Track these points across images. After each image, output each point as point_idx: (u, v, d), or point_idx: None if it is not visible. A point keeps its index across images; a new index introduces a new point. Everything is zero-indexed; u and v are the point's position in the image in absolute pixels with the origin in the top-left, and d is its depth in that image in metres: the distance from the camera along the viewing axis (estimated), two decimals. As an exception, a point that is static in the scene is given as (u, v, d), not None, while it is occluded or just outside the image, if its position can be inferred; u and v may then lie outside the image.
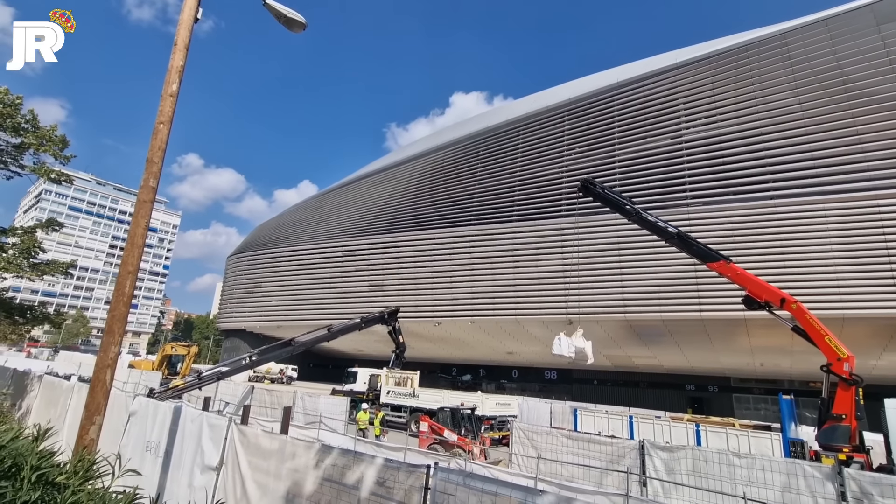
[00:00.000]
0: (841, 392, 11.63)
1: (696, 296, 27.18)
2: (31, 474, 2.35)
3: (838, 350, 11.81)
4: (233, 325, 55.28)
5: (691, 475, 9.82)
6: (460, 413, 15.68)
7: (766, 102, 28.15)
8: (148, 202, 5.38)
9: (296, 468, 5.34)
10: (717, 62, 30.77)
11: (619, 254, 30.09)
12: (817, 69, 27.12)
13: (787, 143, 26.82)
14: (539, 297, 32.94)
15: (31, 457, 2.45)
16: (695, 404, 39.40)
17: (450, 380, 51.27)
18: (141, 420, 7.88)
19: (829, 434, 11.50)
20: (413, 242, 40.77)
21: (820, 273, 24.37)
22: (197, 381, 16.67)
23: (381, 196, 46.76)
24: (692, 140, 29.99)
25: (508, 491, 3.91)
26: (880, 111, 24.72)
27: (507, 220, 35.90)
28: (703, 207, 28.15)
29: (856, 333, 24.03)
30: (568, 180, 33.32)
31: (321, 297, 46.17)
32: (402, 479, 4.41)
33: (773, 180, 26.64)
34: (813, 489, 8.60)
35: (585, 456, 11.22)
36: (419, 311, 38.42)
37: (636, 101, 33.20)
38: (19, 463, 2.43)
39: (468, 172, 40.45)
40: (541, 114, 38.05)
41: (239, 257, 58.38)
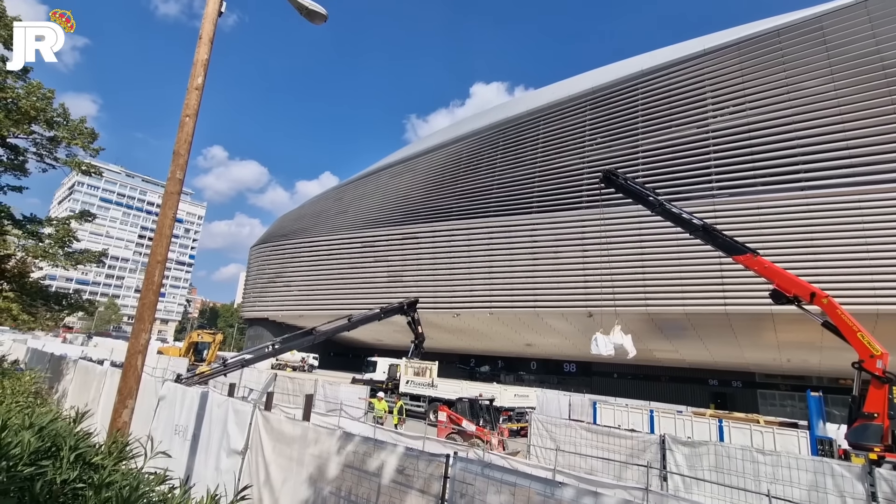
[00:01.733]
0: (873, 390, 11.26)
1: (720, 289, 26.57)
2: (70, 454, 2.46)
3: (871, 347, 11.42)
4: (256, 313, 56.52)
5: (713, 471, 9.69)
6: (479, 404, 15.75)
7: (799, 90, 27.10)
8: (175, 193, 5.51)
9: (318, 454, 5.45)
10: (746, 48, 29.70)
11: (640, 246, 29.58)
12: (855, 54, 25.93)
13: (820, 131, 25.82)
14: (558, 289, 32.69)
15: (70, 438, 2.56)
16: (718, 400, 38.70)
17: (468, 371, 51.45)
18: (169, 404, 8.15)
19: (860, 433, 11.16)
20: (432, 233, 40.83)
21: (852, 267, 23.53)
22: (222, 368, 17.13)
23: (401, 187, 46.89)
24: (719, 129, 29.12)
25: (527, 482, 3.92)
26: (922, 97, 23.55)
27: (526, 212, 35.60)
28: (730, 199, 27.39)
29: (890, 330, 23.15)
30: (589, 171, 32.80)
31: (341, 287, 46.77)
32: (422, 467, 4.46)
33: (804, 171, 25.72)
34: (842, 489, 8.39)
35: (605, 449, 11.17)
36: (438, 301, 38.57)
37: (661, 89, 32.36)
38: (58, 443, 2.54)
39: (487, 163, 40.18)
40: (562, 103, 37.44)
41: (261, 248, 59.48)
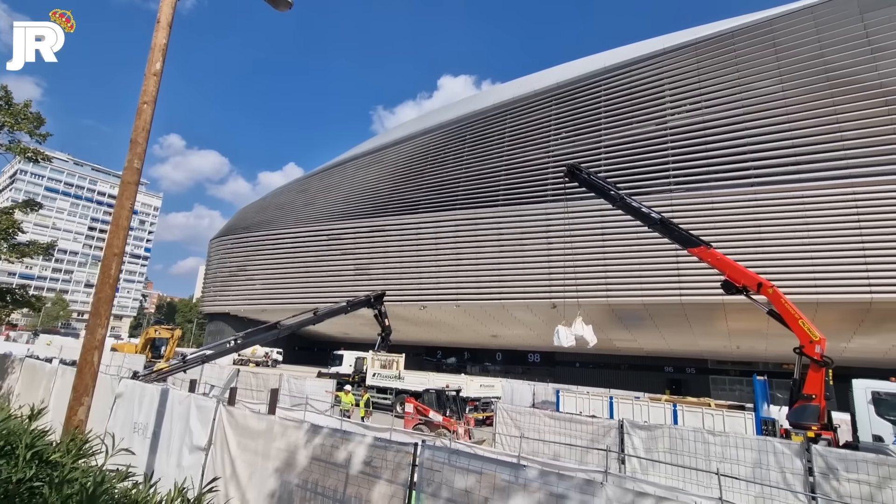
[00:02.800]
0: (812, 373, 12.10)
1: (676, 281, 27.76)
2: (26, 452, 2.39)
3: (811, 333, 12.26)
4: (216, 308, 54.83)
5: (668, 453, 10.21)
6: (445, 394, 15.94)
7: (751, 89, 28.47)
8: (133, 183, 5.31)
9: (284, 448, 5.43)
10: (703, 48, 30.92)
11: (602, 239, 30.48)
12: (801, 57, 27.45)
13: (769, 130, 27.25)
14: (523, 282, 33.29)
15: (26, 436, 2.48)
16: (673, 385, 40.56)
17: (435, 363, 51.80)
18: (127, 402, 7.89)
19: (800, 413, 12.00)
20: (399, 226, 40.67)
21: (796, 259, 25.06)
22: (182, 364, 16.59)
23: (367, 179, 46.39)
24: (677, 126, 30.26)
25: (493, 467, 4.06)
26: (860, 100, 25.21)
27: (492, 205, 35.98)
28: (686, 193, 28.58)
29: (829, 318, 24.89)
30: (554, 165, 33.43)
31: (306, 281, 45.99)
32: (390, 457, 4.53)
33: (754, 167, 27.11)
34: (782, 465, 9.03)
35: (567, 435, 11.55)
36: (405, 294, 38.56)
37: (622, 86, 33.28)
38: (13, 442, 2.46)
39: (454, 156, 40.28)
40: (528, 98, 37.92)
41: (222, 240, 57.61)
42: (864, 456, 8.43)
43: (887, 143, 24.07)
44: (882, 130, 24.30)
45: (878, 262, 23.36)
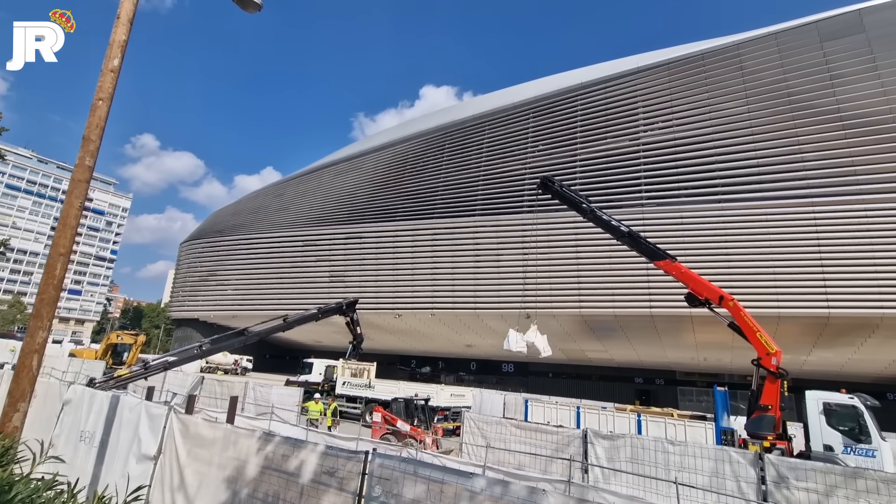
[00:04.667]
0: (768, 384, 12.49)
1: (646, 293, 28.35)
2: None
3: (768, 345, 12.66)
4: (185, 313, 53.32)
5: (629, 462, 10.34)
6: (414, 404, 15.82)
7: (719, 110, 29.54)
8: (83, 181, 5.15)
9: (236, 456, 5.30)
10: (674, 69, 31.98)
11: (576, 251, 30.95)
12: (765, 81, 28.66)
13: (735, 150, 28.27)
14: (499, 292, 33.48)
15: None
16: (643, 396, 41.21)
17: (409, 371, 51.43)
18: (76, 409, 7.57)
19: (757, 423, 12.35)
20: (376, 234, 40.47)
21: (758, 274, 25.93)
22: (143, 371, 16.02)
23: (345, 186, 46.10)
24: (649, 143, 31.11)
25: (442, 476, 4.05)
26: (819, 123, 26.43)
27: (469, 215, 36.18)
28: (657, 208, 29.33)
29: (790, 331, 25.78)
30: (531, 177, 33.88)
31: (279, 287, 45.21)
32: (340, 464, 4.47)
33: (720, 185, 28.04)
34: (737, 474, 9.25)
35: (533, 445, 11.59)
36: (380, 302, 38.27)
37: (598, 102, 34.09)
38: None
39: (433, 165, 40.44)
40: (507, 110, 38.45)
41: (193, 244, 56.23)
42: (812, 465, 8.72)
43: (844, 165, 25.26)
44: (839, 153, 25.50)
45: (836, 278, 24.36)
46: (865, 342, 26.91)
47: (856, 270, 24.02)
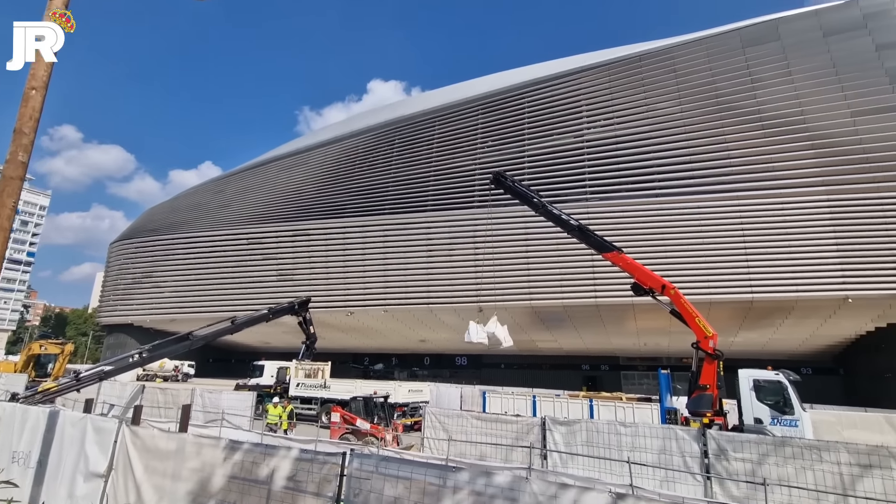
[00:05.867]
0: (706, 365, 13.49)
1: (592, 284, 29.63)
2: None
3: (705, 329, 13.65)
4: (117, 319, 49.63)
5: (585, 445, 10.84)
6: (373, 401, 15.71)
7: (655, 109, 31.27)
8: (16, 178, 4.71)
9: (199, 467, 5.07)
10: (614, 69, 33.47)
11: (526, 244, 31.78)
12: (696, 82, 30.67)
13: (670, 147, 30.07)
14: (451, 286, 33.76)
15: None
16: (589, 382, 43.12)
17: (362, 370, 50.79)
18: (6, 428, 6.90)
19: (697, 402, 13.31)
20: (325, 231, 39.53)
21: (693, 263, 27.81)
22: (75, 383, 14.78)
23: (292, 181, 44.60)
24: (592, 140, 32.43)
25: (423, 472, 4.09)
26: (743, 123, 28.66)
27: (421, 210, 36.16)
28: (600, 202, 30.67)
29: (719, 315, 27.86)
30: (482, 172, 34.35)
31: (224, 288, 43.12)
32: (316, 469, 4.40)
33: (657, 180, 29.76)
34: (683, 449, 9.95)
35: (493, 435, 11.86)
36: (331, 300, 37.49)
37: (544, 100, 35.07)
38: None
39: (383, 160, 40.00)
40: (456, 106, 38.68)
41: (126, 244, 52.38)
42: (746, 437, 9.54)
43: (764, 162, 27.57)
44: (760, 151, 27.80)
45: (759, 265, 26.61)
46: (783, 323, 29.64)
47: (775, 258, 26.33)
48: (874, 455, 8.65)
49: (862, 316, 27.67)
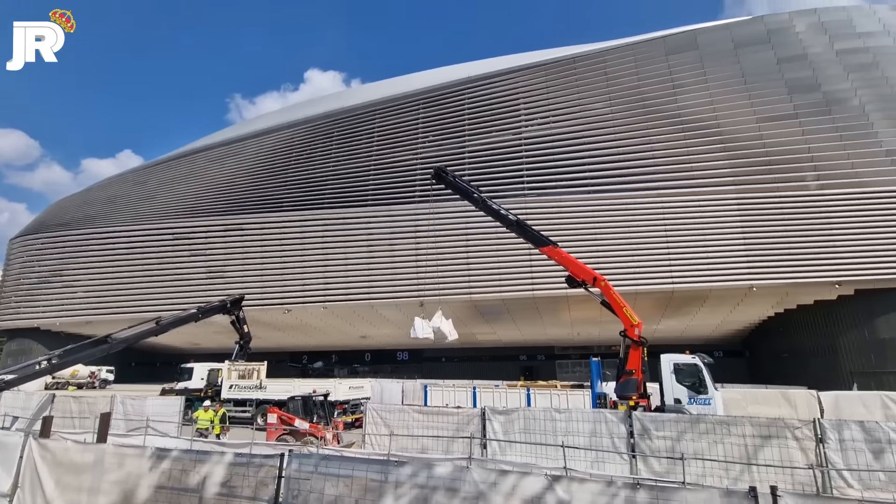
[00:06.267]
0: (632, 352, 14.50)
1: (529, 277, 30.66)
2: None
3: (632, 318, 14.65)
4: (20, 323, 44.63)
5: (523, 433, 11.30)
6: (313, 400, 15.38)
7: (588, 110, 32.79)
8: None
9: (122, 480, 4.74)
10: (551, 69, 34.69)
11: (466, 239, 32.25)
12: (624, 85, 32.51)
13: (601, 146, 31.68)
14: (393, 281, 33.59)
15: None
16: (527, 372, 44.76)
17: (300, 368, 49.36)
18: None
19: (624, 386, 14.28)
20: (260, 225, 37.84)
21: (620, 255, 29.54)
22: (-33, 396, 13.23)
23: (223, 173, 42.20)
24: (530, 137, 33.44)
25: (364, 469, 4.09)
26: (665, 126, 30.78)
27: (362, 205, 35.60)
28: (538, 198, 31.74)
29: (644, 304, 29.91)
30: (423, 167, 34.36)
31: (146, 287, 40.04)
32: (252, 473, 4.27)
33: (590, 177, 31.26)
34: (611, 431, 10.65)
35: (435, 428, 12.04)
36: (267, 298, 36.02)
37: (484, 96, 35.66)
38: None
39: (322, 153, 38.89)
40: (398, 99, 38.34)
41: (30, 239, 47.14)
42: (667, 416, 10.39)
43: (685, 162, 29.79)
44: (681, 153, 30.01)
45: (679, 258, 28.77)
46: (699, 310, 32.35)
47: (692, 251, 28.61)
48: (772, 426, 9.73)
49: (764, 303, 30.80)
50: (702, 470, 9.48)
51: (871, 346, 26.85)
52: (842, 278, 26.34)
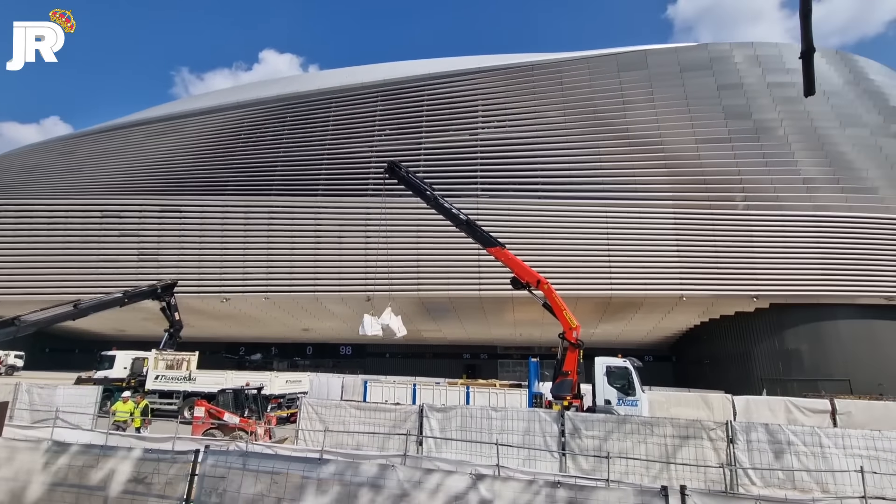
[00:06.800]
0: (569, 354, 15.01)
1: (477, 277, 31.03)
2: None
3: (571, 321, 15.16)
4: (-89, 299, 39.80)
5: (460, 430, 11.40)
6: (245, 394, 14.77)
7: (543, 117, 33.61)
8: None
9: (12, 476, 4.30)
10: (510, 74, 35.25)
11: (416, 236, 32.16)
12: (578, 97, 33.61)
13: (554, 153, 32.58)
14: (340, 274, 32.92)
15: None
16: (469, 370, 45.36)
17: (237, 360, 47.33)
18: None
19: (559, 387, 14.76)
20: (200, 208, 35.84)
21: (564, 260, 30.53)
22: None
23: (162, 150, 39.61)
24: (486, 139, 33.82)
25: (287, 465, 3.95)
26: (614, 139, 32.11)
27: (311, 194, 34.59)
28: (490, 199, 32.17)
29: (584, 309, 31.06)
30: (377, 160, 33.85)
31: (67, 267, 36.82)
32: (163, 469, 4.00)
33: (541, 183, 32.07)
34: (544, 430, 10.97)
35: (372, 424, 11.91)
36: (204, 285, 34.19)
37: (443, 95, 35.66)
38: None
39: (273, 137, 37.41)
40: (355, 89, 37.56)
41: (-75, 206, 42.06)
42: (596, 416, 10.83)
43: (629, 175, 31.22)
44: (626, 165, 31.43)
45: (618, 265, 30.13)
46: (634, 316, 34.08)
47: (630, 260, 30.06)
48: (691, 427, 10.38)
49: (692, 312, 32.92)
50: (625, 468, 9.96)
51: (780, 355, 29.44)
52: (759, 292, 28.61)
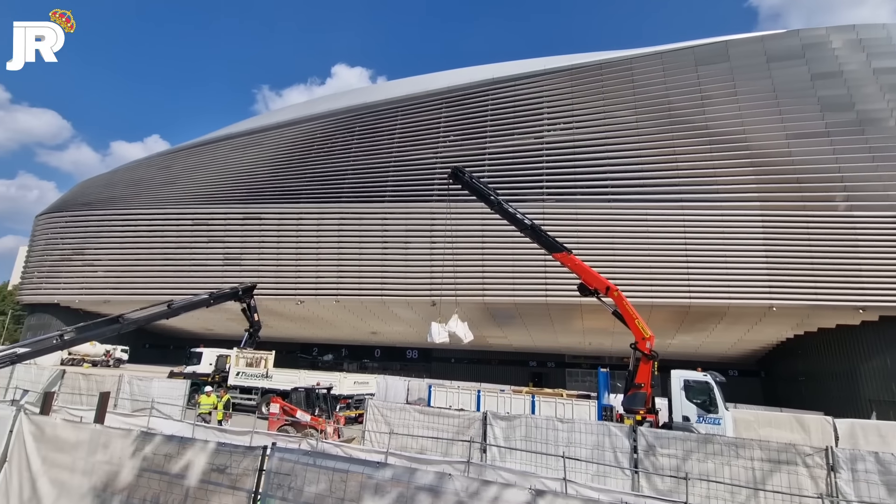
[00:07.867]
0: (642, 365, 14.09)
1: (543, 283, 30.28)
2: None
3: (644, 331, 14.25)
4: (41, 298, 45.96)
5: (524, 440, 11.05)
6: (315, 393, 15.36)
7: (612, 117, 32.22)
8: None
9: (107, 460, 4.70)
10: (577, 74, 34.20)
11: (482, 241, 32.02)
12: (651, 95, 31.84)
13: (624, 154, 31.10)
14: (406, 279, 33.57)
15: None
16: (536, 378, 44.30)
17: (310, 360, 49.75)
18: None
19: (631, 400, 13.89)
20: (278, 215, 38.22)
21: (637, 267, 28.96)
22: (-19, 365, 13.51)
23: (245, 162, 42.77)
24: (552, 142, 33.03)
25: (346, 466, 3.96)
26: (691, 138, 30.05)
27: (378, 200, 35.66)
28: (556, 204, 31.34)
29: (659, 318, 29.25)
30: (442, 166, 34.20)
31: (163, 269, 40.81)
32: (234, 463, 4.17)
33: (610, 186, 30.73)
34: (615, 445, 10.34)
35: (435, 429, 11.88)
36: (280, 288, 36.36)
37: (507, 99, 35.35)
38: None
39: (342, 147, 39.09)
40: (420, 97, 38.31)
41: (55, 217, 48.52)
42: (674, 434, 10.02)
43: (709, 175, 29.05)
44: (705, 165, 29.27)
45: (698, 272, 28.07)
46: (716, 327, 31.51)
47: (712, 266, 27.87)
48: (784, 452, 9.30)
49: (783, 323, 29.84)
50: (707, 491, 9.11)
51: (893, 374, 25.77)
52: (866, 303, 25.35)
